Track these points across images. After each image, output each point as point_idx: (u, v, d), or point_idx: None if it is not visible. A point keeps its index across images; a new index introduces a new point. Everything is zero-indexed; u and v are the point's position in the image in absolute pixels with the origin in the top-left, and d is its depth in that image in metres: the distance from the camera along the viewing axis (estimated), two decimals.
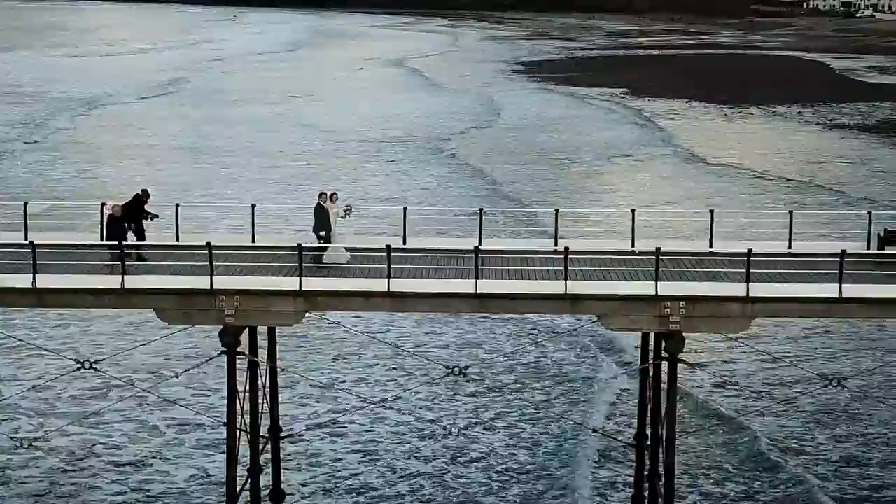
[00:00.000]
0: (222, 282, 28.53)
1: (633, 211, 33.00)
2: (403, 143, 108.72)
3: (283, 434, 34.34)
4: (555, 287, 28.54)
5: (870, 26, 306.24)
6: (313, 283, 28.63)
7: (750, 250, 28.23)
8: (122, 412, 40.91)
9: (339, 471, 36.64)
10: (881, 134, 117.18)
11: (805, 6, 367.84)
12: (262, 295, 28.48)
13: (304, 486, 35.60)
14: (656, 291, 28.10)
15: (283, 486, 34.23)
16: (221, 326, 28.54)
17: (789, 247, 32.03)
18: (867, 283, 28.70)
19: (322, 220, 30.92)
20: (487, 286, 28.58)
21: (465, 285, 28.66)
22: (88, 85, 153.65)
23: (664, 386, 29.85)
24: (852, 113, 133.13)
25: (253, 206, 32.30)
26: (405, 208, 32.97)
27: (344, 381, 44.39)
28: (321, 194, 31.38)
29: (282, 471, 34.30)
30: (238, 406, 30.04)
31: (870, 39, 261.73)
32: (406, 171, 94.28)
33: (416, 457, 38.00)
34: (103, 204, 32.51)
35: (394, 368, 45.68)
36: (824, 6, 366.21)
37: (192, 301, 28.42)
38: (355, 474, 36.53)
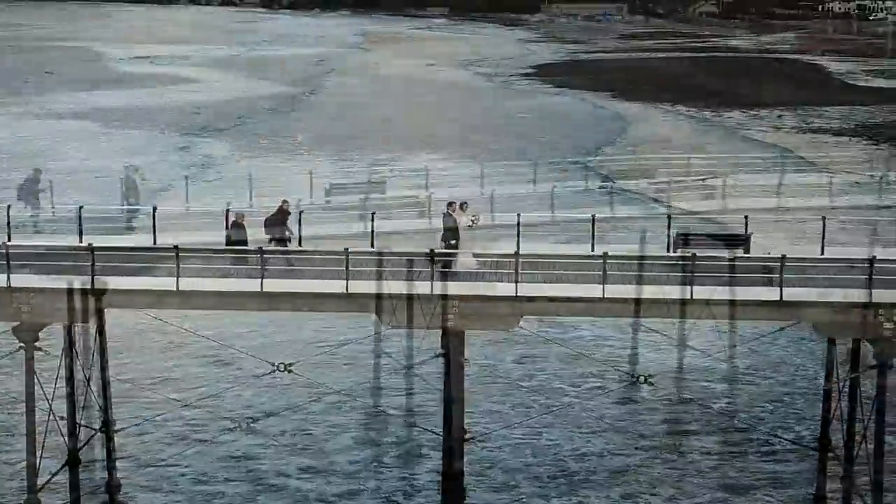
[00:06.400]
0: (20, 280, 29.93)
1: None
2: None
3: (115, 428, 35.59)
4: (336, 286, 29.74)
5: (882, 29, 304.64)
6: (106, 282, 29.93)
7: (517, 252, 29.34)
8: None
9: (173, 463, 37.65)
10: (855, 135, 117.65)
11: (821, 8, 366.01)
12: (57, 293, 29.82)
13: (137, 478, 36.64)
14: (431, 290, 29.29)
15: (116, 478, 35.48)
16: (18, 323, 29.98)
17: (592, 249, 32.89)
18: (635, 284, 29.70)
19: (450, 229, 32.02)
20: (273, 285, 29.86)
21: (251, 284, 29.94)
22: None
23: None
24: (831, 116, 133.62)
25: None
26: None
27: (177, 377, 45.11)
28: (450, 204, 32.60)
29: (116, 464, 35.57)
30: (47, 401, 31.55)
31: (879, 42, 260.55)
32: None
33: (249, 449, 38.86)
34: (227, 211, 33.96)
35: (223, 364, 46.17)
36: (840, 8, 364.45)
37: None
38: (189, 466, 37.60)
